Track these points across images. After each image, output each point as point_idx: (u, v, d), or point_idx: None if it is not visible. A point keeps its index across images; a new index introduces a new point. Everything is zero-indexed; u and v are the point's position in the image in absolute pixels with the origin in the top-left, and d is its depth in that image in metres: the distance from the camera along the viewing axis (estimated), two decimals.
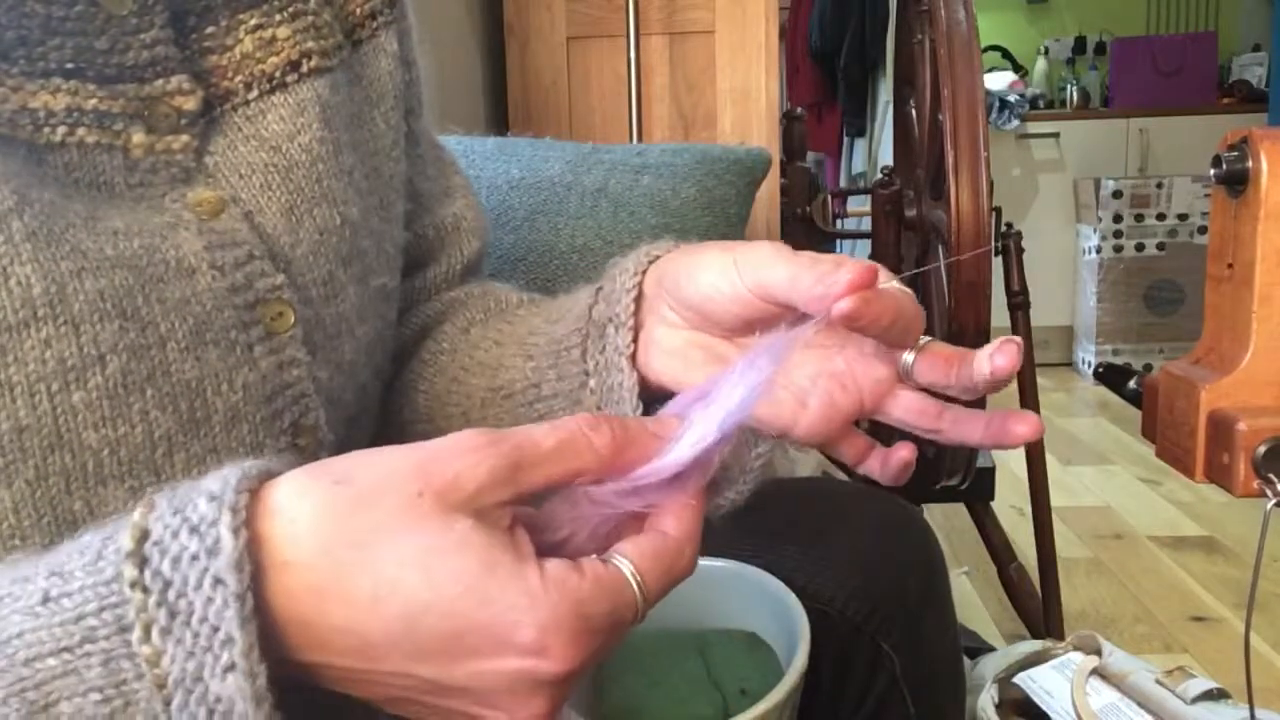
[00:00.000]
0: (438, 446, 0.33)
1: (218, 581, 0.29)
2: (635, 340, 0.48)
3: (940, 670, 0.63)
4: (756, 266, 0.42)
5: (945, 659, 0.64)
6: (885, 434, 0.49)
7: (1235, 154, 0.44)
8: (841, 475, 1.22)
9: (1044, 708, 1.08)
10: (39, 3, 0.41)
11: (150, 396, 0.41)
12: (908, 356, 0.45)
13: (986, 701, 1.11)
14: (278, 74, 0.49)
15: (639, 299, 0.48)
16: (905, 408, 0.45)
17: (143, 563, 0.30)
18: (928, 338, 0.45)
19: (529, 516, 0.35)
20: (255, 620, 0.29)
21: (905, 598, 0.61)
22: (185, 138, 0.45)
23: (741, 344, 0.46)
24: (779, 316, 0.42)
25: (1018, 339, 0.41)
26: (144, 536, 0.30)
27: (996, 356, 0.41)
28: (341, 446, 0.48)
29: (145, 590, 0.29)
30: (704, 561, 0.53)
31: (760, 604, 0.51)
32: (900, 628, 0.60)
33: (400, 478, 0.32)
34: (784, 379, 0.46)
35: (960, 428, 0.44)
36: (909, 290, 0.42)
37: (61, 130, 0.42)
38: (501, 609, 0.30)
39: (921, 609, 0.62)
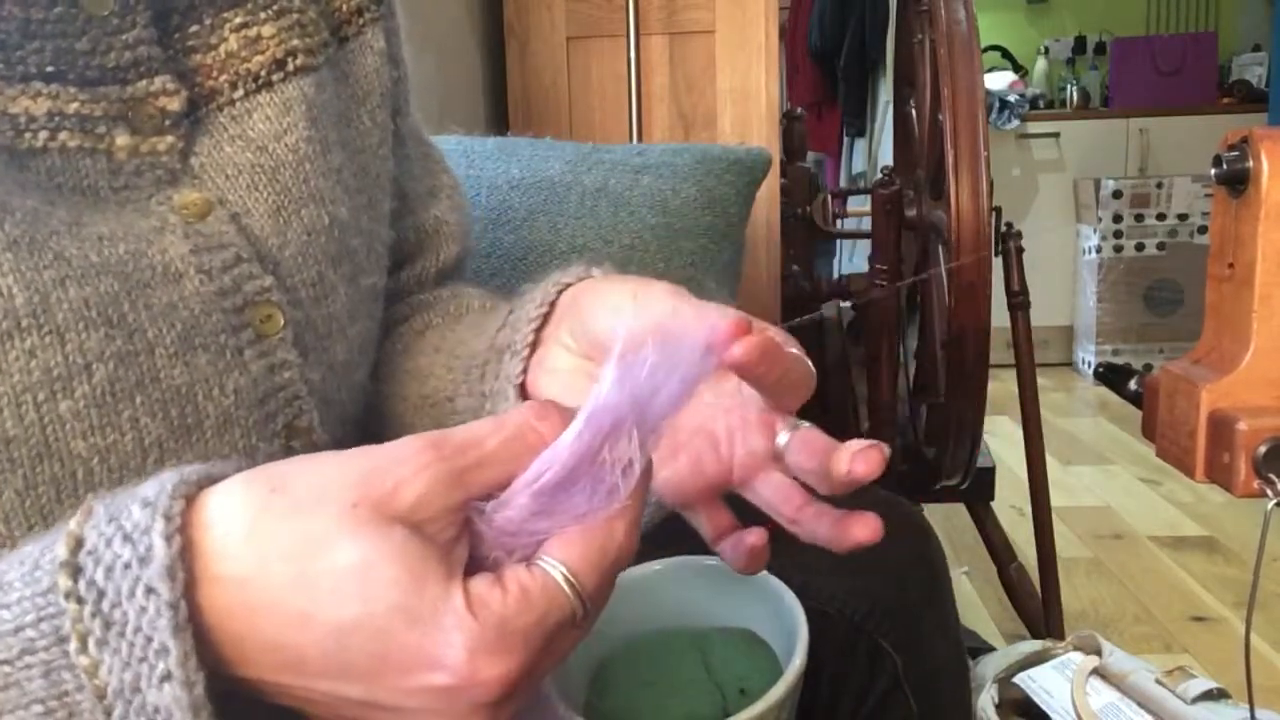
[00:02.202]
0: (379, 455, 0.32)
1: (150, 590, 0.28)
2: (526, 369, 0.48)
3: (943, 669, 0.63)
4: (649, 304, 0.42)
5: (948, 658, 0.64)
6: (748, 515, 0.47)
7: (1236, 154, 0.44)
8: None
9: (1044, 708, 1.08)
10: (16, 5, 0.40)
11: (140, 403, 0.40)
12: (782, 436, 0.43)
13: (986, 701, 1.11)
14: (263, 73, 0.49)
15: (542, 327, 0.48)
16: (773, 489, 0.44)
17: (76, 572, 0.29)
18: (806, 423, 0.44)
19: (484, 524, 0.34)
20: (190, 629, 0.29)
21: (905, 597, 0.61)
22: (170, 139, 0.45)
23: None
24: None
25: (883, 447, 0.40)
26: (79, 545, 0.29)
27: (857, 461, 0.40)
28: (338, 446, 0.48)
29: (80, 600, 0.29)
30: (704, 560, 0.53)
31: (760, 603, 0.51)
32: (901, 627, 0.60)
33: (337, 488, 0.31)
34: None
35: (814, 523, 0.43)
36: (802, 354, 0.41)
37: (43, 135, 0.41)
38: (428, 629, 0.29)
39: (922, 608, 0.62)
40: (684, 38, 1.70)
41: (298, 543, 0.30)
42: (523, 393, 0.48)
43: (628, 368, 0.33)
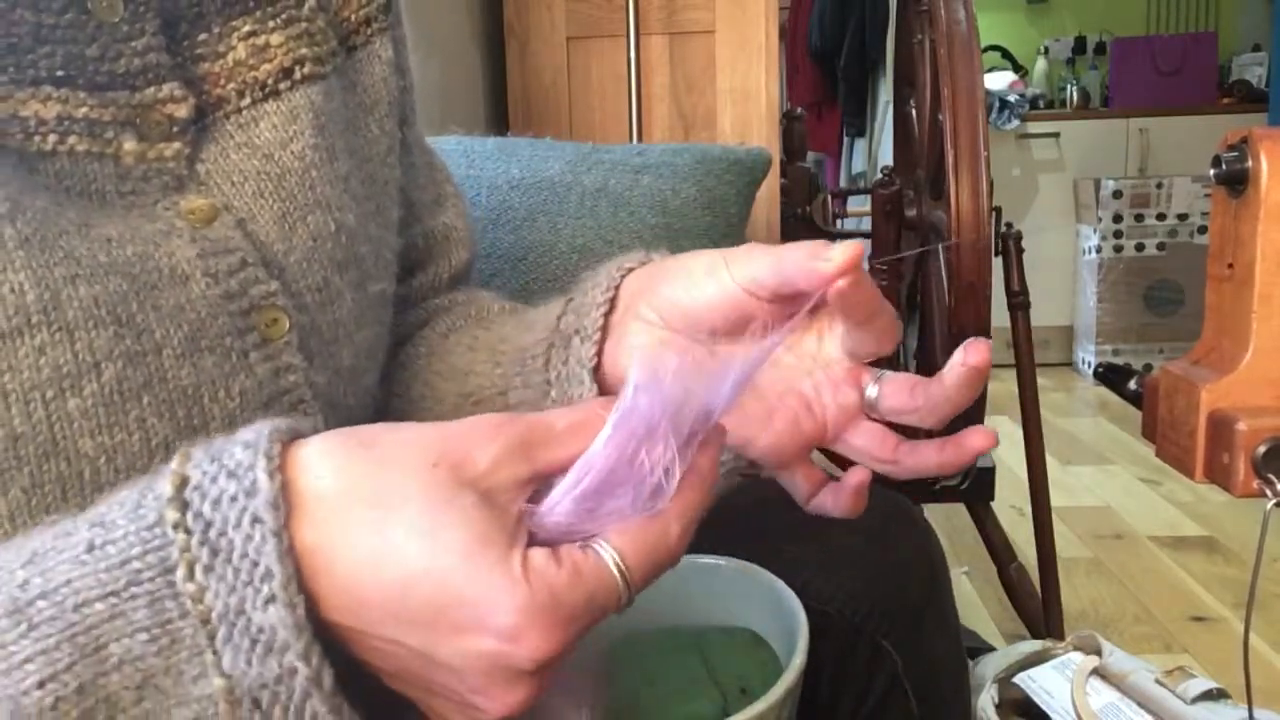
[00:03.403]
0: (457, 425, 0.34)
1: (256, 520, 0.31)
2: (600, 353, 0.48)
3: (943, 669, 0.63)
4: (746, 260, 0.43)
5: (947, 658, 0.64)
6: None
7: (1235, 154, 0.44)
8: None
9: (1044, 708, 1.08)
10: (28, 10, 0.41)
11: (147, 404, 0.41)
12: (871, 389, 0.45)
13: (986, 701, 1.11)
14: (270, 81, 0.49)
15: (610, 312, 0.49)
16: (866, 437, 0.46)
17: (184, 506, 0.31)
18: (887, 371, 0.46)
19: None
20: (292, 556, 0.31)
21: (906, 597, 0.61)
22: (177, 145, 0.45)
23: (716, 350, 0.46)
24: (761, 319, 0.43)
25: (986, 339, 0.42)
26: (184, 483, 0.31)
27: (970, 352, 0.42)
28: None
29: (188, 531, 0.31)
30: (704, 560, 0.53)
31: (760, 603, 0.51)
32: (901, 627, 0.60)
33: (420, 448, 0.33)
34: (752, 390, 0.46)
35: (917, 455, 0.45)
36: (888, 304, 0.43)
37: (52, 139, 0.41)
38: (485, 588, 0.31)
39: (922, 608, 0.62)
40: (684, 38, 1.70)
41: (379, 492, 0.32)
42: (596, 376, 0.49)
43: (653, 372, 0.35)
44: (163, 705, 0.31)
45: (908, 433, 0.46)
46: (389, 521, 0.31)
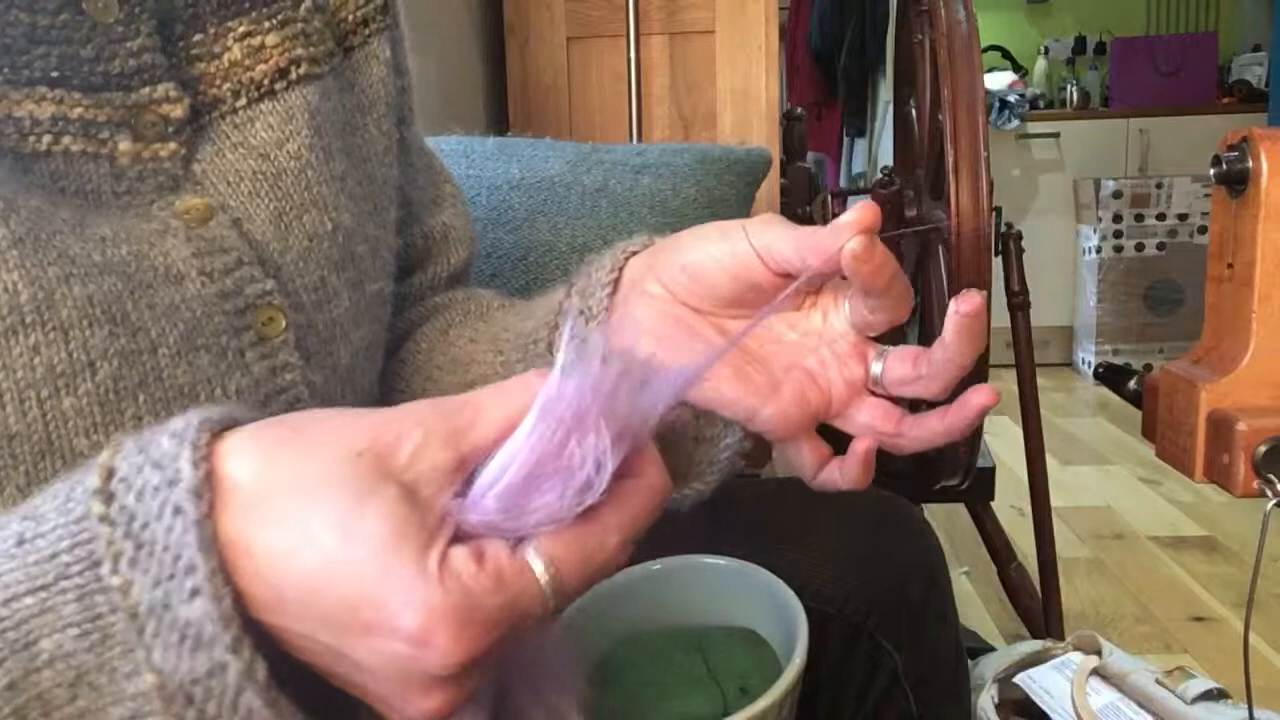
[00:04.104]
0: (387, 412, 0.33)
1: (178, 510, 0.30)
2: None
3: (942, 668, 0.63)
4: (764, 228, 0.44)
5: (947, 657, 0.64)
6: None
7: (1235, 154, 0.44)
8: None
9: (1044, 708, 1.08)
10: (23, 11, 0.41)
11: (142, 402, 0.41)
12: (875, 364, 0.45)
13: (986, 701, 1.11)
14: (266, 81, 0.49)
15: (614, 292, 0.48)
16: (870, 411, 0.46)
17: (109, 498, 0.30)
18: (890, 347, 0.46)
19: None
20: (216, 546, 0.30)
21: (905, 596, 0.61)
22: (172, 145, 0.45)
23: (722, 325, 0.46)
24: (770, 291, 0.44)
25: (979, 290, 0.42)
26: (110, 474, 0.31)
27: (962, 300, 0.41)
28: None
29: (112, 524, 0.30)
30: (704, 560, 0.53)
31: (760, 602, 0.51)
32: (901, 626, 0.60)
33: (346, 435, 0.32)
34: (758, 363, 0.46)
35: (921, 426, 0.45)
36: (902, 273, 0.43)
37: (47, 139, 0.41)
38: (395, 587, 0.30)
39: (922, 607, 0.62)
40: (684, 38, 1.70)
41: (300, 481, 0.31)
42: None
43: (582, 353, 0.33)
44: (97, 703, 0.31)
45: (915, 409, 0.46)
46: (305, 512, 0.30)
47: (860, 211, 0.41)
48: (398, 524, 0.30)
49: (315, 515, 0.30)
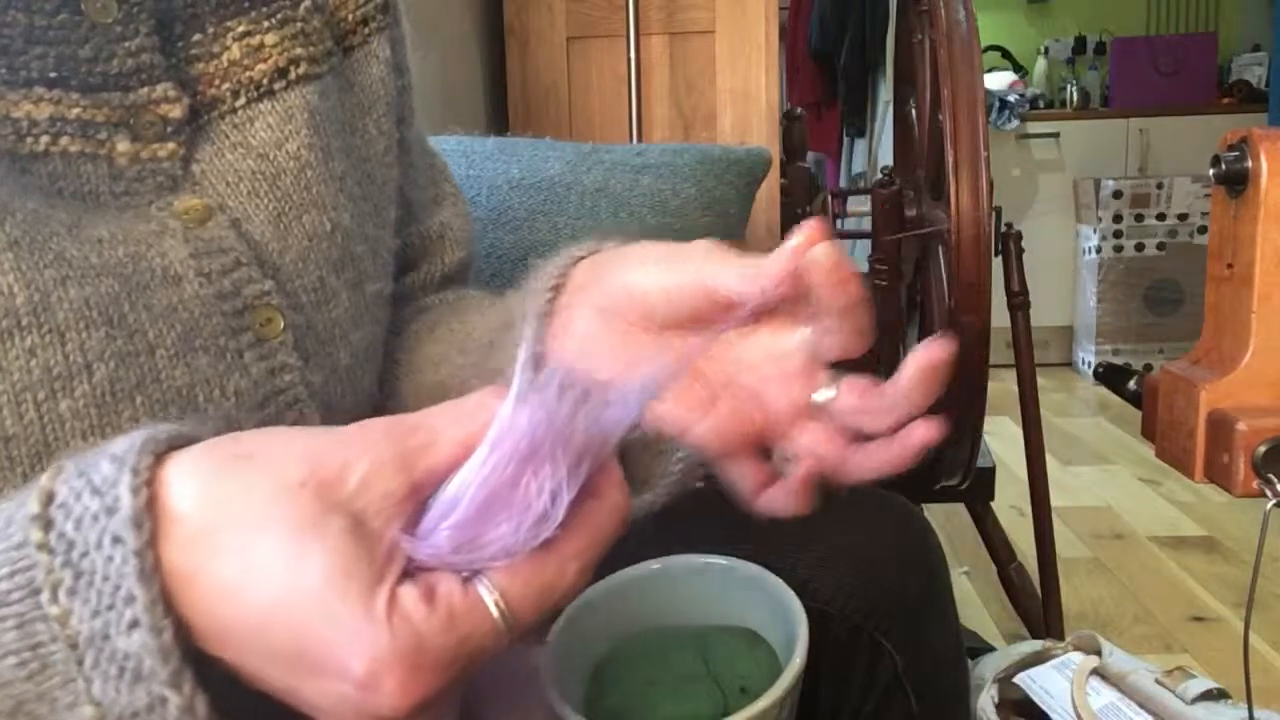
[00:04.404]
0: (335, 435, 0.32)
1: (117, 540, 0.29)
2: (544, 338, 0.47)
3: (943, 668, 0.63)
4: (706, 259, 0.42)
5: (947, 657, 0.64)
6: None
7: (1235, 154, 0.44)
8: None
9: (1044, 708, 1.08)
10: (20, 11, 0.41)
11: (140, 404, 0.40)
12: (824, 390, 0.43)
13: (986, 701, 1.11)
14: (265, 81, 0.49)
15: (556, 297, 0.47)
16: (814, 436, 0.43)
17: (48, 525, 0.29)
18: (842, 373, 0.43)
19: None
20: (157, 577, 0.29)
21: (906, 595, 0.61)
22: (171, 146, 0.45)
23: (666, 339, 0.45)
24: (713, 317, 0.42)
25: (949, 337, 0.40)
26: (50, 499, 0.30)
27: (927, 349, 0.40)
28: None
29: (51, 552, 0.29)
30: (704, 560, 0.53)
31: (760, 602, 0.51)
32: (901, 626, 0.60)
33: (291, 462, 0.30)
34: (696, 377, 0.44)
35: (865, 455, 0.42)
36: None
37: (44, 140, 0.41)
38: (341, 631, 0.29)
39: (922, 607, 0.62)
40: (684, 38, 1.70)
41: (241, 512, 0.30)
42: (541, 361, 0.47)
43: (536, 380, 0.31)
44: None
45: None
46: (251, 547, 0.29)
47: (806, 229, 0.39)
48: (343, 562, 0.29)
49: (259, 550, 0.29)
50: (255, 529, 0.29)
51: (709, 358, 0.45)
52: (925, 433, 0.41)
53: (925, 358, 0.39)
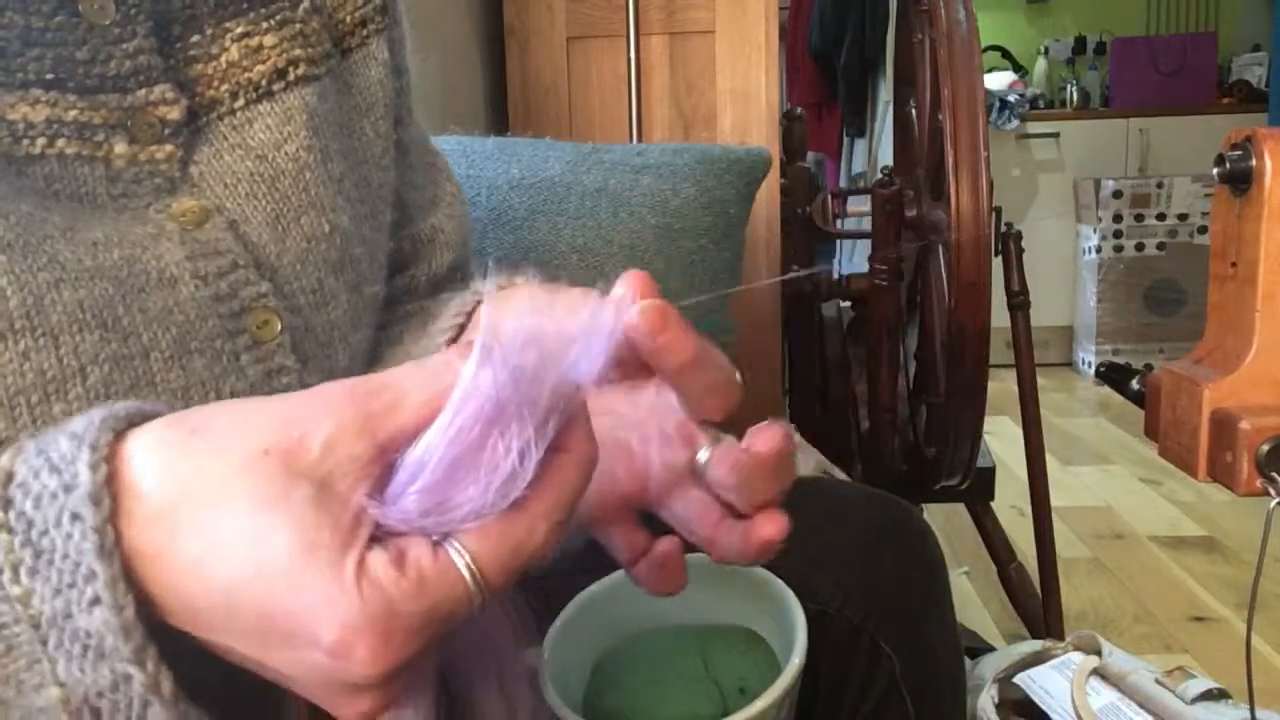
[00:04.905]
0: (300, 399, 0.31)
1: (75, 516, 0.29)
2: None
3: (940, 670, 0.63)
4: (551, 300, 0.39)
5: (945, 659, 0.64)
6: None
7: (1239, 153, 0.44)
8: (841, 475, 1.22)
9: (1044, 708, 1.08)
10: (17, 13, 0.40)
11: None
12: (703, 453, 0.41)
13: (986, 701, 1.11)
14: (264, 82, 0.49)
15: (457, 337, 0.48)
16: (689, 505, 0.42)
17: (7, 504, 0.29)
18: (729, 436, 0.41)
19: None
20: (117, 554, 0.29)
21: (905, 598, 0.61)
22: (169, 148, 0.45)
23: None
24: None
25: (785, 426, 0.38)
26: (9, 479, 0.29)
27: (756, 438, 0.38)
28: None
29: (10, 531, 0.29)
30: (703, 559, 0.53)
31: (759, 602, 0.51)
32: (900, 628, 0.60)
33: (253, 431, 0.30)
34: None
35: (730, 536, 0.41)
36: (723, 359, 0.39)
37: (41, 142, 0.41)
38: (310, 599, 0.28)
39: (921, 609, 0.62)
40: (684, 38, 1.70)
41: (204, 488, 0.29)
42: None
43: (496, 348, 0.31)
44: (7, 718, 0.30)
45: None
46: (214, 522, 0.29)
47: (629, 279, 0.36)
48: (310, 530, 0.29)
49: (223, 525, 0.29)
50: (219, 502, 0.29)
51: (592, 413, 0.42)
52: (769, 529, 0.40)
53: (755, 446, 0.38)
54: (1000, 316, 1.37)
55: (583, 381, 0.32)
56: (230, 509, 0.29)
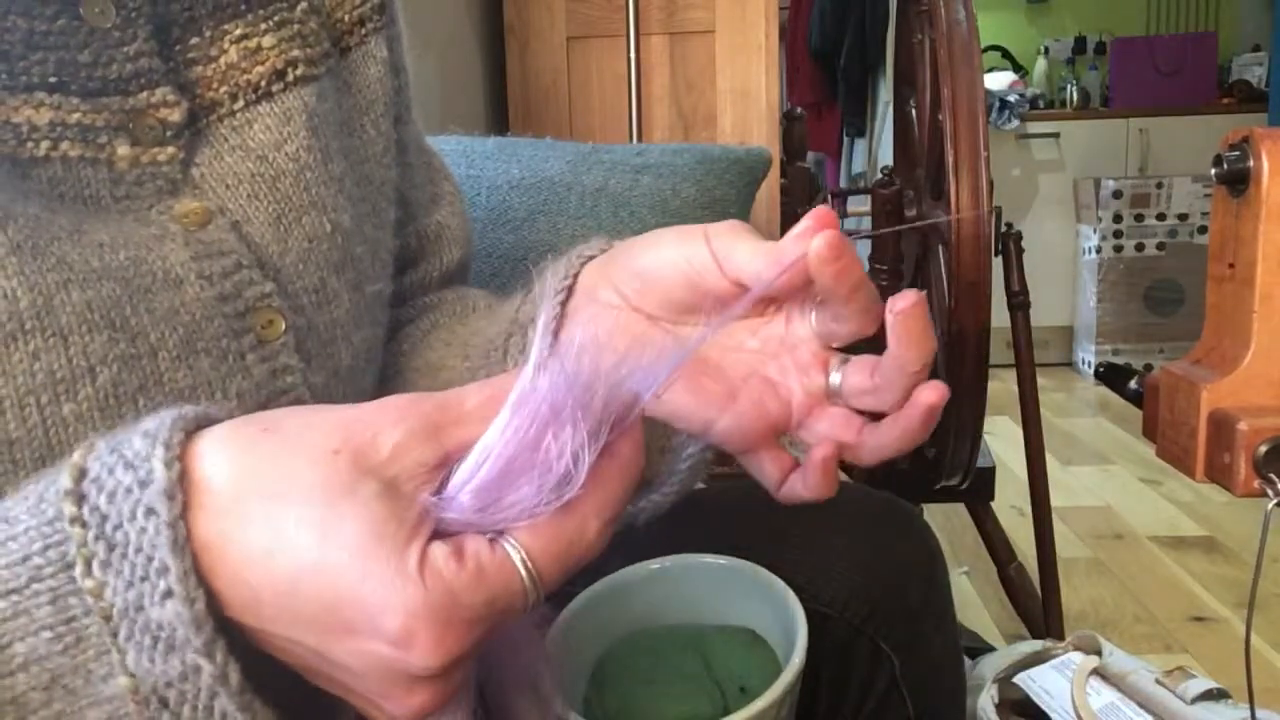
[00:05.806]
0: (365, 408, 0.33)
1: (150, 511, 0.30)
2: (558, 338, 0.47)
3: (940, 670, 0.63)
4: (724, 235, 0.43)
5: (945, 659, 0.64)
6: None
7: (1237, 154, 0.44)
8: (842, 475, 1.22)
9: (1044, 708, 1.08)
10: (20, 17, 0.41)
11: (143, 406, 0.41)
12: (835, 374, 0.44)
13: (986, 701, 1.11)
14: (263, 83, 0.49)
15: (568, 299, 0.48)
16: (830, 421, 0.44)
17: (80, 499, 0.30)
18: (851, 355, 0.44)
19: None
20: (189, 547, 0.30)
21: (905, 598, 0.61)
22: (171, 149, 0.45)
23: (677, 334, 0.45)
24: (727, 300, 0.42)
25: (916, 290, 0.40)
26: (82, 474, 0.30)
27: (894, 300, 0.40)
28: None
29: (84, 525, 0.30)
30: (704, 560, 0.53)
31: (760, 602, 0.51)
32: (900, 628, 0.60)
33: (323, 432, 0.31)
34: (714, 372, 0.45)
35: (877, 434, 0.43)
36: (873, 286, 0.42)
37: (45, 145, 0.41)
38: (375, 587, 0.29)
39: (921, 609, 0.62)
40: (684, 38, 1.70)
41: (275, 481, 0.30)
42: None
43: (556, 347, 0.32)
44: (74, 706, 0.30)
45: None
46: (282, 513, 0.30)
47: (816, 214, 0.40)
48: (376, 522, 0.30)
49: (292, 516, 0.30)
50: (289, 493, 0.30)
51: (728, 351, 0.46)
52: (930, 395, 0.41)
53: (896, 307, 0.39)
54: (1000, 316, 1.37)
55: (639, 396, 0.34)
56: (299, 500, 0.30)
